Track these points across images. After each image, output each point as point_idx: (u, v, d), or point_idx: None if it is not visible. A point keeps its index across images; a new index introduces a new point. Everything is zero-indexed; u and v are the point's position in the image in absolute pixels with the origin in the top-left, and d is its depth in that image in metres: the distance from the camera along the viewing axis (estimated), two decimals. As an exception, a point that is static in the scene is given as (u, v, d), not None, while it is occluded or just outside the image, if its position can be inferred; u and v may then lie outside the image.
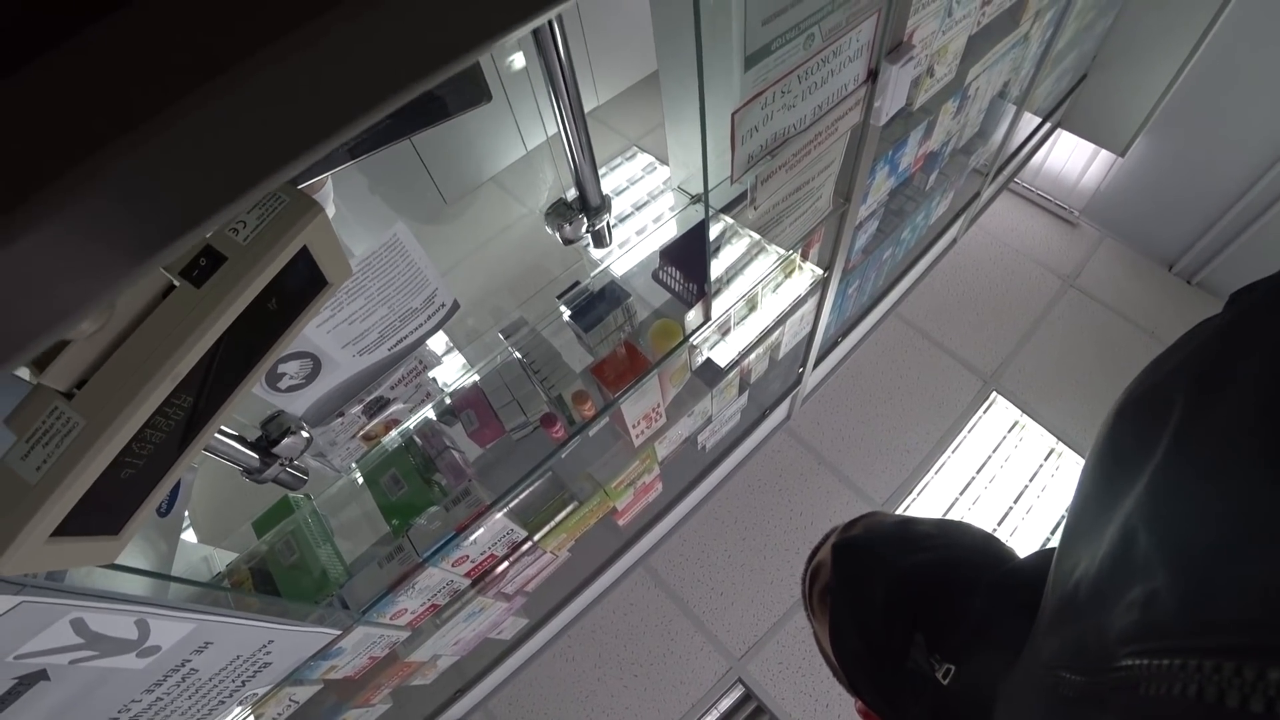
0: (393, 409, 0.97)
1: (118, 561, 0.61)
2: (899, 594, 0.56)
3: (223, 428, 0.72)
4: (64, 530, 0.43)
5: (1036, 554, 0.53)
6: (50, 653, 0.53)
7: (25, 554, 0.40)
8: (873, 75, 1.10)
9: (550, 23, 0.75)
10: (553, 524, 1.35)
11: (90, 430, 0.42)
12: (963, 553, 0.58)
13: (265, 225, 0.50)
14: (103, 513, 0.47)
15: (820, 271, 1.62)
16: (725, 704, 2.32)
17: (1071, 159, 2.97)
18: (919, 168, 1.70)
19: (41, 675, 0.54)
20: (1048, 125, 2.70)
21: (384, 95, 0.32)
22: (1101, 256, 3.04)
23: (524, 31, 0.38)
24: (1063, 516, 2.50)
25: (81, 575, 0.56)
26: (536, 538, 1.32)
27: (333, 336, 0.77)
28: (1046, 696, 0.36)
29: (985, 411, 2.72)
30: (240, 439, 0.74)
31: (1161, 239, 2.89)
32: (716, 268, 1.38)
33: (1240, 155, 2.44)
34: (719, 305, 1.35)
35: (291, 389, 0.78)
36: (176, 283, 0.47)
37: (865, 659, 0.58)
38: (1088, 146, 2.84)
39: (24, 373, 0.61)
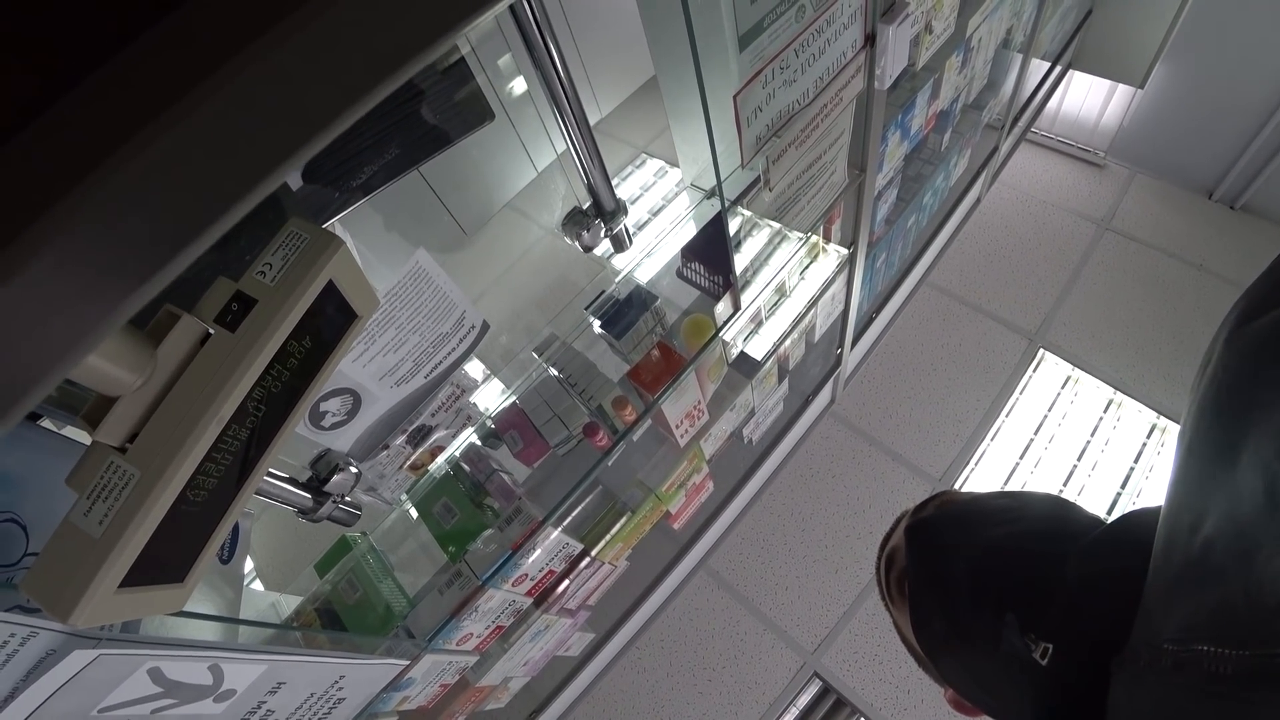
0: (436, 436, 0.98)
1: (186, 608, 0.62)
2: (983, 571, 0.53)
3: (273, 470, 0.73)
4: (131, 581, 0.44)
5: (1130, 515, 0.50)
6: (132, 704, 0.54)
7: (96, 606, 0.41)
8: (870, 39, 1.08)
9: (543, 35, 0.75)
10: (609, 534, 1.34)
11: (145, 481, 0.43)
12: (1045, 523, 0.55)
13: (290, 265, 0.50)
14: (166, 561, 0.48)
15: (844, 250, 1.59)
16: (804, 700, 2.27)
17: (1088, 99, 2.87)
18: (931, 129, 1.66)
19: (127, 728, 0.56)
20: (1058, 68, 2.62)
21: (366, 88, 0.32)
22: (1135, 194, 2.93)
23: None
24: (1131, 469, 2.39)
25: (154, 626, 0.58)
26: (594, 550, 1.32)
27: (369, 370, 0.78)
28: (1188, 674, 0.32)
29: (1035, 370, 2.63)
30: (292, 480, 0.75)
31: (1196, 167, 2.77)
32: (739, 257, 1.37)
33: (1267, 67, 2.32)
34: (747, 294, 1.33)
35: (335, 426, 0.79)
36: (212, 330, 0.48)
37: (954, 644, 0.55)
38: (1104, 84, 2.74)
39: (77, 434, 0.63)
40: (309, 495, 0.78)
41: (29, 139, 0.22)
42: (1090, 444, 2.48)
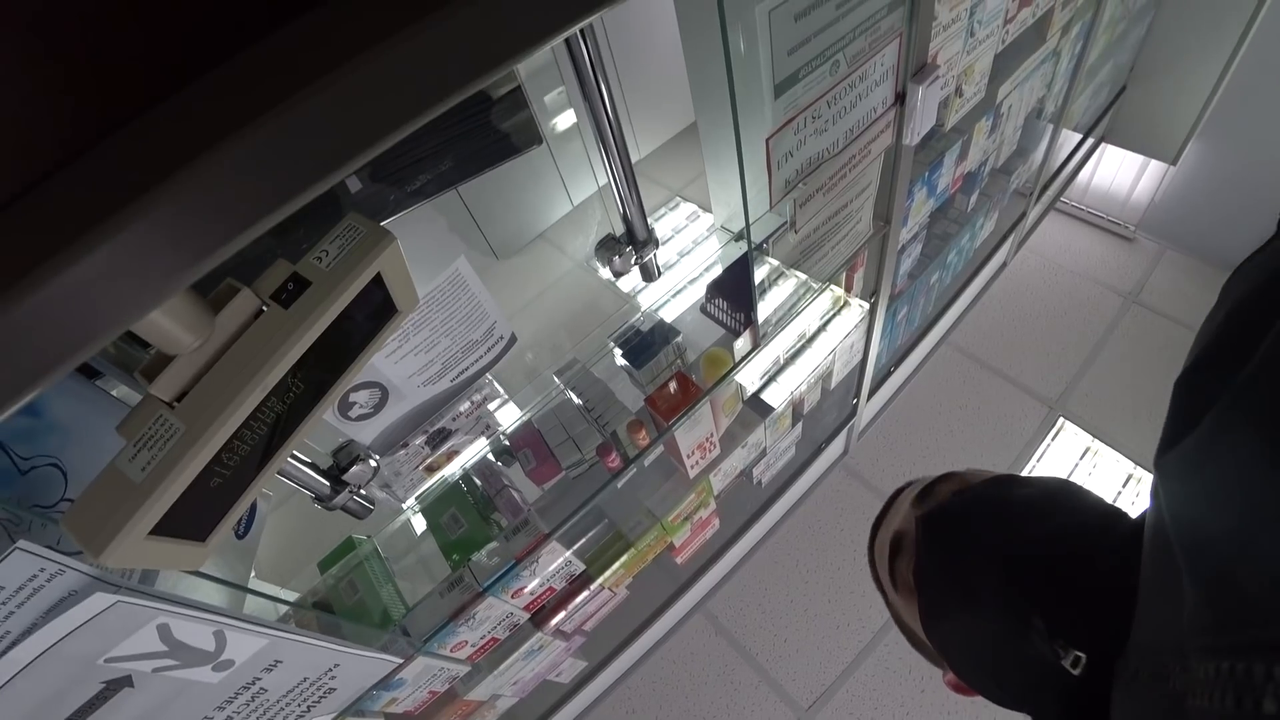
0: (454, 440, 1.01)
1: (201, 571, 0.64)
2: (1009, 571, 0.49)
3: (298, 454, 0.76)
4: (160, 530, 0.47)
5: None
6: (137, 658, 0.56)
7: (127, 547, 0.44)
8: (900, 98, 1.13)
9: (595, 71, 0.81)
10: (610, 558, 1.35)
11: (189, 435, 0.46)
12: (1071, 518, 0.52)
13: (345, 253, 0.54)
14: (193, 518, 0.50)
15: (864, 302, 1.61)
16: (796, 759, 2.20)
17: (1120, 172, 2.90)
18: (958, 189, 1.69)
19: (126, 682, 0.57)
20: (1090, 141, 2.66)
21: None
22: (1164, 270, 2.92)
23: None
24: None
25: (169, 587, 0.60)
26: (595, 573, 1.32)
27: (400, 366, 0.82)
28: (1153, 694, 0.33)
29: (1053, 439, 2.60)
30: (314, 466, 0.78)
31: (1228, 246, 2.77)
32: (760, 297, 1.40)
33: (1302, 151, 2.34)
34: (766, 334, 1.36)
35: (361, 418, 0.82)
36: (267, 306, 0.51)
37: (974, 643, 0.52)
38: (1136, 158, 2.77)
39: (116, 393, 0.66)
40: (327, 483, 0.81)
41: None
42: (1108, 519, 2.42)
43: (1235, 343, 0.35)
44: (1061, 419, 2.61)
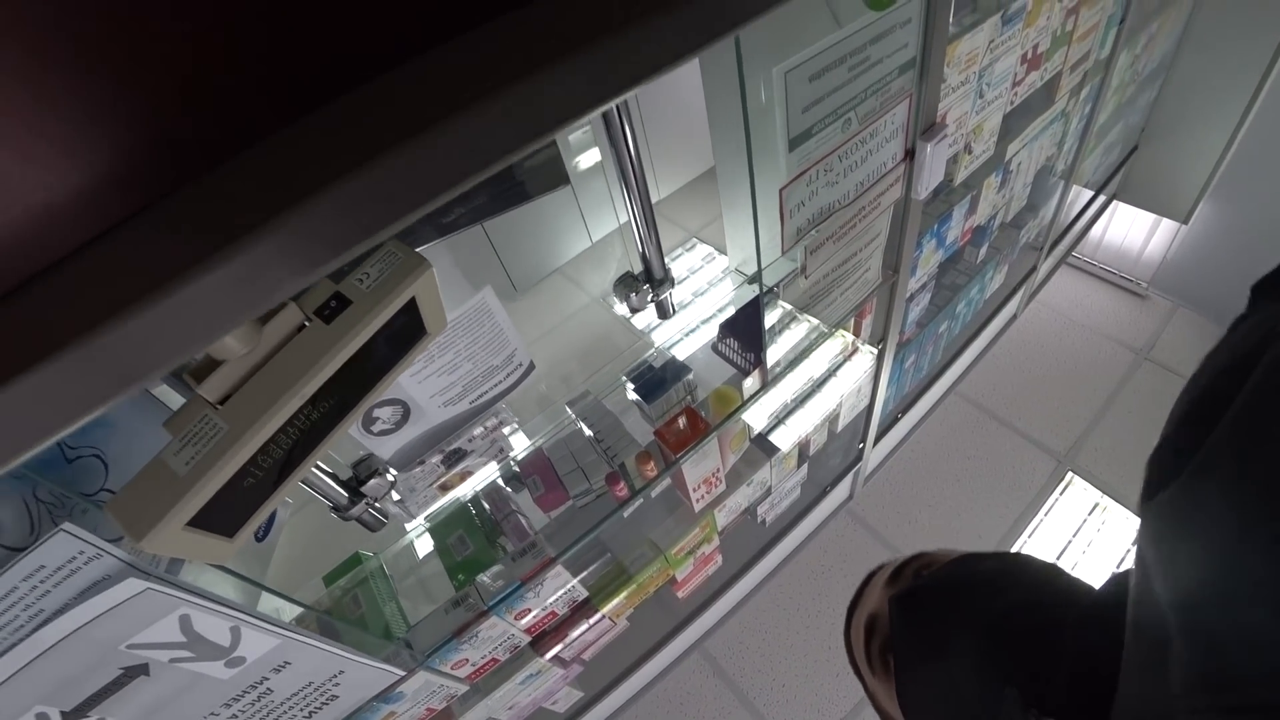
0: (468, 461, 1.04)
1: (227, 567, 0.68)
2: (984, 645, 0.51)
3: (321, 464, 0.80)
4: (196, 522, 0.50)
5: (1122, 575, 0.49)
6: (156, 647, 0.59)
7: (166, 535, 0.47)
8: (910, 154, 1.18)
9: (620, 118, 0.86)
10: (613, 588, 1.36)
11: (231, 434, 0.50)
12: (1039, 591, 0.54)
13: (384, 277, 0.59)
14: (226, 514, 0.54)
15: (872, 348, 1.64)
16: (792, 811, 2.14)
17: (1133, 230, 2.94)
18: (967, 241, 1.74)
19: (143, 670, 0.60)
20: (1102, 198, 2.71)
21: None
22: (1176, 327, 2.93)
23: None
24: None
25: (191, 579, 0.63)
26: (597, 601, 1.33)
27: (424, 386, 0.86)
28: None
29: (1062, 493, 2.58)
30: (334, 476, 0.82)
31: (1239, 306, 2.75)
32: (770, 339, 1.44)
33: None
34: (775, 375, 1.39)
35: (383, 433, 0.86)
36: (309, 320, 0.56)
37: (951, 714, 0.53)
38: (1148, 216, 2.81)
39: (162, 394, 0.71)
40: (346, 493, 0.84)
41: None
42: (1118, 578, 2.38)
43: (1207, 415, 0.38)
44: (1071, 473, 2.60)
